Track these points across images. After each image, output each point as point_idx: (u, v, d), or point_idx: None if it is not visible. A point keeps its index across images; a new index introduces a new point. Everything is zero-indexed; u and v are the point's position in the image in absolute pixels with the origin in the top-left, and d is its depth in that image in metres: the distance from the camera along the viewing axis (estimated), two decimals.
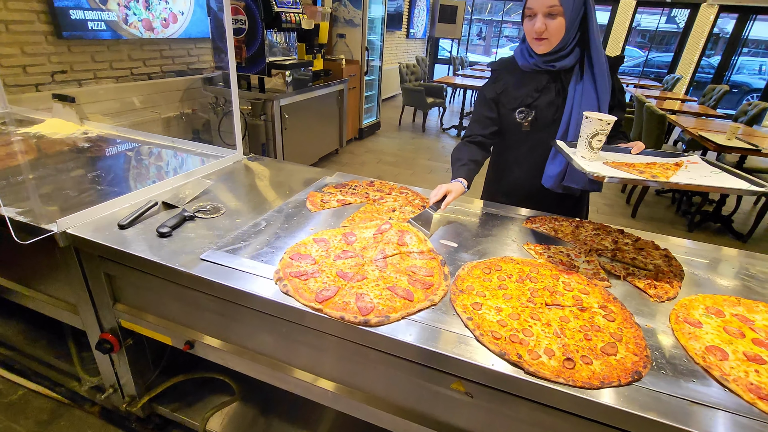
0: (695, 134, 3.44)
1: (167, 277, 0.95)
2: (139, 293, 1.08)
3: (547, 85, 1.22)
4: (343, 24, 4.91)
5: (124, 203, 1.18)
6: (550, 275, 0.97)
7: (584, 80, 1.17)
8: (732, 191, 0.88)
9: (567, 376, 0.69)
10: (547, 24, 1.11)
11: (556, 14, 1.10)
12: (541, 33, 1.13)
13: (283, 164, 1.66)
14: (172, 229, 1.06)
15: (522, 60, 1.24)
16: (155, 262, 0.93)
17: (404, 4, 8.25)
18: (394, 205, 1.29)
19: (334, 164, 4.59)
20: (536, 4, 1.11)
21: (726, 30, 9.00)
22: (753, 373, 0.72)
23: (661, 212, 3.96)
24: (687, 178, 0.93)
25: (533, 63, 1.21)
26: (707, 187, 0.90)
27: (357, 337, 0.80)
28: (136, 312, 1.09)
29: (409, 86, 6.06)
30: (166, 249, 0.98)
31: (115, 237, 1.02)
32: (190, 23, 3.45)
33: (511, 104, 1.28)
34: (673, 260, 1.08)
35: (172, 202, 1.19)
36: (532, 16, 1.14)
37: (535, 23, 1.12)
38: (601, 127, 1.01)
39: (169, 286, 0.97)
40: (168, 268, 0.92)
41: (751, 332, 0.82)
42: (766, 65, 10.98)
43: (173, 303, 1.04)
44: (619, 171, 0.97)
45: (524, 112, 1.25)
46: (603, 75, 1.16)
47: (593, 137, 1.02)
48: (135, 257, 0.96)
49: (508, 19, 14.57)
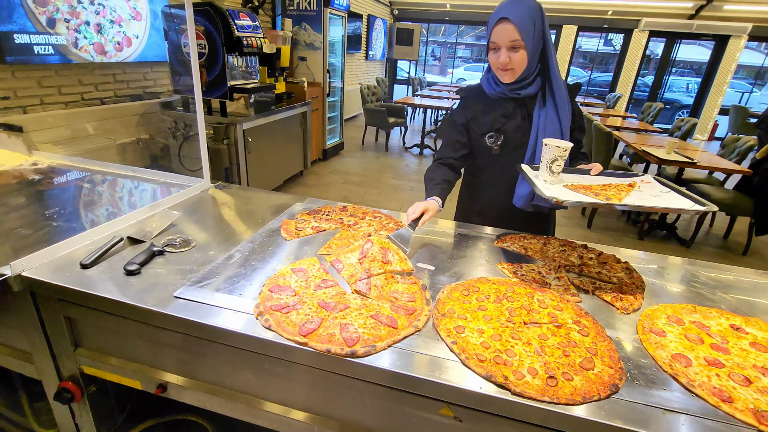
0: (639, 149, 3.72)
1: (138, 318, 0.90)
2: (105, 336, 1.01)
3: (513, 111, 1.31)
4: (303, 47, 4.95)
5: (85, 240, 1.11)
6: (525, 293, 1.01)
7: (547, 106, 1.26)
8: (677, 211, 0.96)
9: (551, 394, 0.71)
10: (511, 56, 1.20)
11: (519, 47, 1.19)
12: (506, 65, 1.21)
13: (252, 191, 1.63)
14: (141, 266, 1.01)
15: (489, 88, 1.32)
16: (125, 303, 0.89)
17: (362, 27, 8.45)
18: (369, 230, 1.30)
19: (299, 186, 4.55)
20: (500, 39, 1.19)
21: (656, 52, 9.86)
22: (714, 377, 0.78)
23: (614, 222, 4.21)
24: (638, 198, 1.01)
25: (500, 91, 1.29)
26: (655, 207, 0.98)
27: (344, 369, 0.79)
28: (101, 356, 1.02)
29: (371, 107, 6.16)
30: (136, 288, 0.94)
31: (78, 278, 0.96)
32: (145, 47, 3.36)
33: (481, 129, 1.35)
34: (634, 272, 1.15)
35: (138, 236, 1.14)
36: (497, 49, 1.22)
37: (500, 56, 1.21)
38: (560, 153, 1.08)
39: (139, 328, 0.92)
40: (139, 308, 0.88)
41: (709, 338, 0.89)
42: (691, 84, 12.05)
43: (144, 345, 0.98)
44: (577, 194, 1.04)
45: (494, 137, 1.32)
46: (563, 101, 1.25)
47: (553, 162, 1.09)
48: (101, 299, 0.90)
49: (462, 41, 15.24)
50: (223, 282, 0.98)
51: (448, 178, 1.37)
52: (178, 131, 3.19)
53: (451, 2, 9.79)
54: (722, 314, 0.97)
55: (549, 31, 1.22)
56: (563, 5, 8.91)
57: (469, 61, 17.25)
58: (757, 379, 0.77)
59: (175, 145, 3.25)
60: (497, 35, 1.20)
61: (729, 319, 0.95)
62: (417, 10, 10.41)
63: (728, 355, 0.84)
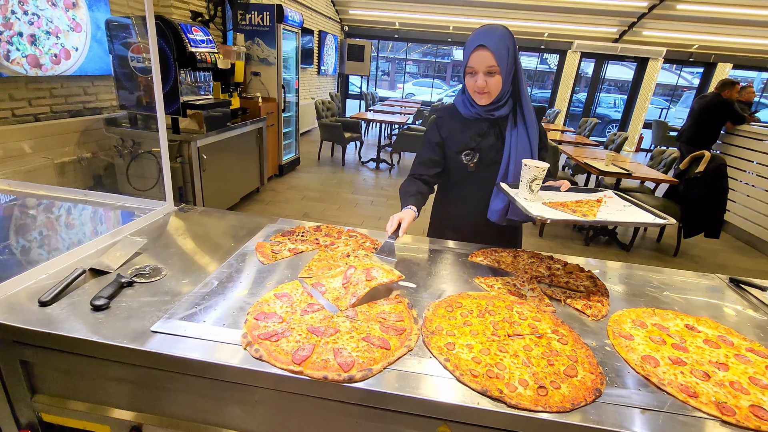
0: (581, 162, 4.01)
1: (111, 357, 0.84)
2: (68, 380, 0.93)
3: (487, 130, 1.39)
4: (257, 62, 4.88)
5: (40, 274, 1.02)
6: (504, 306, 1.05)
7: (518, 126, 1.35)
8: (643, 224, 1.06)
9: (543, 403, 0.75)
10: (487, 81, 1.28)
11: (494, 72, 1.27)
12: (483, 88, 1.29)
13: (219, 213, 1.57)
14: (109, 300, 0.94)
15: (464, 109, 1.39)
16: (96, 342, 0.82)
17: (314, 42, 8.47)
18: (347, 250, 1.30)
19: (256, 204, 4.43)
20: (477, 64, 1.27)
21: (588, 72, 10.73)
22: (680, 374, 0.85)
23: (562, 230, 4.49)
24: (607, 213, 1.11)
25: (475, 112, 1.37)
26: (625, 222, 1.08)
27: (341, 395, 0.78)
28: (63, 402, 0.93)
29: (327, 122, 6.16)
30: (106, 324, 0.87)
31: (38, 317, 0.87)
32: (86, 59, 3.15)
33: (457, 147, 1.42)
34: (597, 280, 1.24)
35: (102, 267, 1.06)
36: (474, 73, 1.30)
37: (477, 80, 1.29)
38: (539, 173, 1.16)
39: (111, 368, 0.86)
40: (113, 347, 0.82)
41: (669, 338, 0.98)
42: (618, 100, 13.21)
43: (115, 386, 0.91)
44: (557, 212, 1.12)
45: (470, 155, 1.40)
46: (532, 121, 1.34)
47: (532, 182, 1.17)
48: (68, 339, 0.83)
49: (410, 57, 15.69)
50: (204, 312, 0.94)
51: (422, 191, 1.43)
52: (125, 149, 3.01)
53: (400, 21, 10.09)
54: (677, 315, 1.07)
55: (519, 58, 1.31)
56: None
57: (417, 76, 17.81)
58: (714, 374, 0.86)
59: (122, 164, 3.05)
60: (475, 61, 1.27)
61: (683, 319, 1.06)
62: (367, 27, 10.62)
63: (688, 353, 0.93)
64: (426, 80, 16.75)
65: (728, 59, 9.54)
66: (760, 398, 0.80)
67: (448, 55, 17.37)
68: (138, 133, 3.09)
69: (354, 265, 1.11)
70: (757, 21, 7.99)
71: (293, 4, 7.14)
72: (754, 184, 4.55)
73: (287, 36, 5.13)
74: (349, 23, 10.55)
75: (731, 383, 0.83)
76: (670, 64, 10.40)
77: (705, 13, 7.96)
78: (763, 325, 1.10)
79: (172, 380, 0.85)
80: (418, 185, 1.44)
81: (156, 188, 3.01)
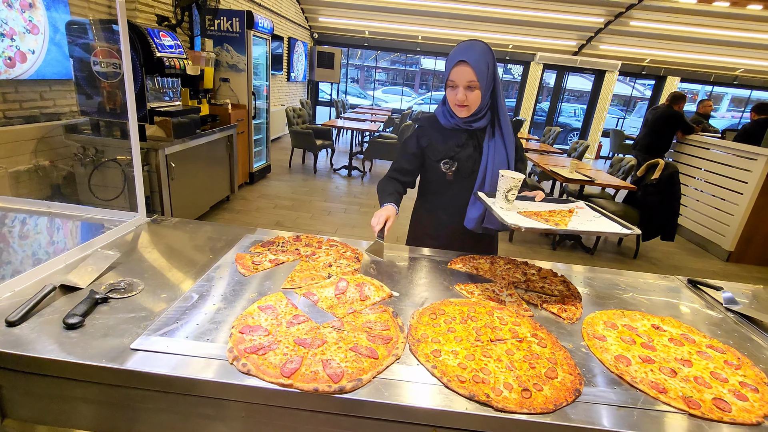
0: (547, 169, 4.18)
1: (88, 378, 0.80)
2: (40, 403, 0.88)
3: (466, 141, 1.44)
4: (226, 68, 4.79)
5: (5, 292, 0.96)
6: (485, 312, 1.09)
7: (495, 138, 1.40)
8: (613, 234, 1.13)
9: (528, 405, 0.78)
10: (467, 95, 1.33)
11: (474, 87, 1.32)
12: (463, 101, 1.34)
13: (195, 224, 1.53)
14: (84, 317, 0.90)
15: (444, 120, 1.44)
16: (72, 363, 0.79)
17: (284, 49, 8.41)
18: (328, 260, 1.30)
19: (226, 212, 4.32)
20: (458, 79, 1.32)
21: (549, 82, 11.19)
22: (650, 372, 0.91)
23: (530, 235, 4.64)
24: (578, 223, 1.17)
25: (454, 123, 1.42)
26: (593, 232, 1.14)
27: (333, 407, 0.78)
28: (34, 427, 0.88)
29: (298, 129, 6.11)
30: (81, 343, 0.83)
31: (6, 338, 0.82)
32: (43, 63, 3.00)
33: (436, 156, 1.46)
34: (570, 284, 1.30)
35: (73, 283, 1.02)
36: (455, 87, 1.34)
37: (458, 94, 1.33)
38: (515, 183, 1.21)
39: (87, 389, 0.82)
40: (91, 367, 0.78)
41: (638, 338, 1.04)
42: (578, 110, 13.83)
43: (90, 408, 0.87)
44: (531, 221, 1.17)
45: (449, 163, 1.44)
46: (509, 134, 1.40)
47: (508, 192, 1.22)
48: (40, 360, 0.79)
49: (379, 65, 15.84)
50: (186, 327, 0.92)
51: (399, 190, 1.52)
52: (87, 157, 2.87)
53: (370, 29, 10.19)
54: (644, 316, 1.14)
55: (498, 73, 1.37)
56: None
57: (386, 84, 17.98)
58: (680, 370, 0.92)
59: (84, 173, 2.91)
60: (456, 75, 1.32)
61: (650, 320, 1.12)
62: (337, 35, 10.65)
63: (655, 351, 0.99)
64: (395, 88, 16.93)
65: (677, 73, 10.23)
66: (721, 391, 0.86)
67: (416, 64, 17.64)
68: (101, 140, 2.96)
69: (346, 279, 1.12)
70: (701, 39, 8.63)
71: (262, 11, 7.08)
72: (702, 190, 4.88)
73: (257, 42, 5.08)
74: (318, 30, 10.55)
75: (695, 378, 0.89)
76: (625, 77, 11.02)
77: (655, 30, 8.53)
78: (719, 322, 1.19)
79: (153, 400, 0.83)
80: (395, 185, 1.52)
81: (121, 198, 2.89)
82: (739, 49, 8.93)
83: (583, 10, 8.14)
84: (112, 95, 2.87)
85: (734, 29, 8.06)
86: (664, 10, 7.68)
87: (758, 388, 0.88)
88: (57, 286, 0.99)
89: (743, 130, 5.06)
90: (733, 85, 10.71)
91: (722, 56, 9.35)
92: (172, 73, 2.96)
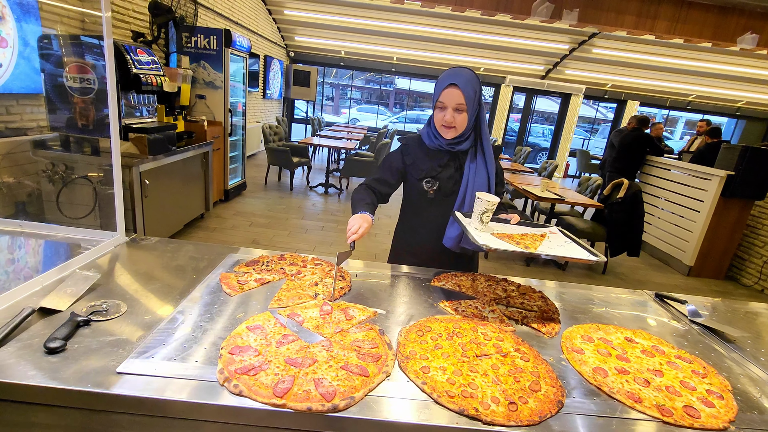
0: (519, 188, 4.33)
1: (72, 404, 0.78)
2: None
3: (447, 162, 1.49)
4: (203, 85, 4.76)
5: None
6: (470, 328, 1.12)
7: (477, 161, 1.46)
8: (579, 261, 1.19)
9: (515, 418, 0.81)
10: (455, 117, 1.39)
11: (462, 110, 1.39)
12: (450, 123, 1.40)
13: (175, 243, 1.51)
14: (65, 341, 0.87)
15: (428, 141, 1.49)
16: (55, 389, 0.76)
17: (260, 66, 8.43)
18: (314, 278, 1.31)
19: (200, 231, 4.23)
20: (448, 100, 1.38)
21: (519, 104, 11.65)
22: (625, 383, 0.96)
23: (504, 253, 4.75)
24: (549, 247, 1.24)
25: (438, 144, 1.47)
26: (561, 257, 1.19)
27: (325, 426, 0.79)
28: None
29: (275, 146, 6.10)
30: (64, 368, 0.81)
31: None
32: (11, 77, 2.90)
33: (418, 174, 1.51)
34: (548, 300, 1.36)
35: (52, 306, 0.99)
36: (444, 108, 1.40)
37: (446, 115, 1.39)
38: (489, 206, 1.27)
39: (70, 417, 0.80)
40: (76, 392, 0.76)
41: (614, 350, 1.09)
42: (546, 130, 14.41)
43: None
44: (502, 242, 1.22)
45: (430, 182, 1.49)
46: (491, 157, 1.46)
47: (483, 214, 1.28)
48: (20, 387, 0.76)
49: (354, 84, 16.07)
50: (173, 349, 0.90)
51: (374, 201, 1.51)
52: (56, 174, 2.77)
53: (346, 49, 10.38)
54: (617, 329, 1.21)
55: (483, 100, 1.44)
56: (446, 61, 10.11)
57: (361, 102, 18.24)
58: (653, 380, 0.98)
59: (52, 191, 2.80)
60: (446, 97, 1.38)
61: (623, 332, 1.19)
62: (313, 54, 10.78)
63: (629, 363, 1.04)
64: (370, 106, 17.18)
65: (636, 97, 10.88)
66: (691, 399, 0.92)
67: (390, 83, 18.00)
68: (70, 156, 2.87)
69: (331, 305, 1.14)
70: (658, 66, 9.25)
71: (239, 29, 7.11)
72: (664, 208, 5.17)
73: (234, 60, 5.08)
74: (294, 49, 10.65)
75: (667, 387, 0.95)
76: (589, 100, 11.62)
77: (616, 58, 9.09)
78: (685, 334, 1.26)
79: (141, 425, 0.81)
80: (371, 195, 1.51)
81: (91, 217, 2.79)
82: (692, 76, 9.63)
83: (550, 37, 8.59)
84: (85, 111, 2.80)
85: (687, 59, 8.70)
86: (623, 39, 8.21)
87: (723, 395, 0.94)
88: (36, 309, 0.96)
89: (698, 152, 5.43)
90: (686, 110, 11.48)
91: (676, 83, 10.04)
92: (149, 89, 2.92)
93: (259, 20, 8.21)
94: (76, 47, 2.88)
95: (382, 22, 8.66)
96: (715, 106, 11.05)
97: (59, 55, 2.83)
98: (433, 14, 8.03)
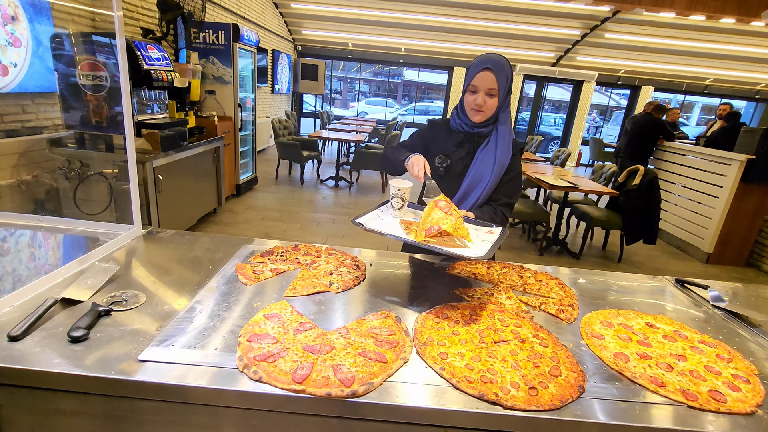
0: (533, 177, 4.27)
1: (96, 391, 0.79)
2: (42, 420, 0.86)
3: (462, 143, 1.50)
4: (212, 81, 4.79)
5: (4, 307, 0.94)
6: (487, 315, 1.11)
7: (488, 147, 1.46)
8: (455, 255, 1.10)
9: (536, 402, 0.80)
10: (486, 100, 1.40)
11: (494, 95, 1.39)
12: (481, 106, 1.41)
13: (190, 236, 1.52)
14: (88, 330, 0.89)
15: (453, 121, 1.52)
16: (79, 376, 0.77)
17: (268, 61, 8.44)
18: (329, 268, 1.31)
19: (213, 225, 4.28)
20: (481, 84, 1.39)
21: (530, 93, 11.47)
22: (648, 367, 0.94)
23: (517, 241, 4.71)
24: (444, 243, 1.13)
25: (460, 123, 1.49)
26: (441, 251, 1.09)
27: (345, 411, 0.79)
28: None
29: (285, 140, 6.11)
30: (87, 356, 0.82)
31: (8, 353, 0.81)
32: (26, 76, 2.95)
33: (435, 151, 1.54)
34: (566, 286, 1.34)
35: (75, 297, 1.00)
36: (476, 91, 1.40)
37: (477, 98, 1.40)
38: (396, 191, 1.27)
39: (93, 402, 0.81)
40: (100, 379, 0.77)
41: (634, 336, 1.07)
42: (557, 119, 14.20)
43: (95, 424, 0.85)
44: (378, 225, 1.20)
45: (442, 158, 1.52)
46: (504, 148, 1.45)
47: (392, 198, 1.29)
48: (46, 374, 0.78)
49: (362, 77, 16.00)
50: (192, 338, 0.91)
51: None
52: (72, 171, 2.82)
53: (353, 42, 10.32)
54: (638, 315, 1.18)
55: (512, 88, 1.44)
56: (455, 51, 9.99)
57: (369, 95, 18.16)
58: (676, 365, 0.96)
59: (68, 187, 2.85)
60: (479, 80, 1.39)
61: (643, 318, 1.17)
62: (320, 47, 10.74)
63: (651, 348, 1.02)
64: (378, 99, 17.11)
65: (651, 83, 10.62)
66: (716, 383, 0.90)
67: (398, 75, 17.88)
68: (86, 153, 2.91)
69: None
70: (673, 50, 9.01)
71: (247, 24, 7.11)
72: (681, 195, 5.06)
73: (243, 55, 5.09)
74: (302, 43, 10.62)
75: (691, 372, 0.93)
76: (602, 87, 11.38)
77: (629, 42, 8.86)
78: (707, 319, 1.24)
79: (162, 411, 0.82)
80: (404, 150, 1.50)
81: (107, 212, 2.84)
82: (708, 59, 9.35)
83: (561, 23, 8.42)
84: (98, 108, 2.84)
85: (704, 41, 8.45)
86: (637, 23, 8.01)
87: (749, 380, 0.92)
88: (58, 300, 0.98)
89: (712, 136, 5.29)
90: (703, 94, 11.18)
91: (693, 66, 9.77)
92: (160, 85, 2.94)
93: (266, 15, 8.20)
94: (87, 45, 2.91)
95: (390, 13, 8.57)
96: (733, 90, 10.75)
97: (71, 53, 2.86)
98: (441, 2, 7.93)
